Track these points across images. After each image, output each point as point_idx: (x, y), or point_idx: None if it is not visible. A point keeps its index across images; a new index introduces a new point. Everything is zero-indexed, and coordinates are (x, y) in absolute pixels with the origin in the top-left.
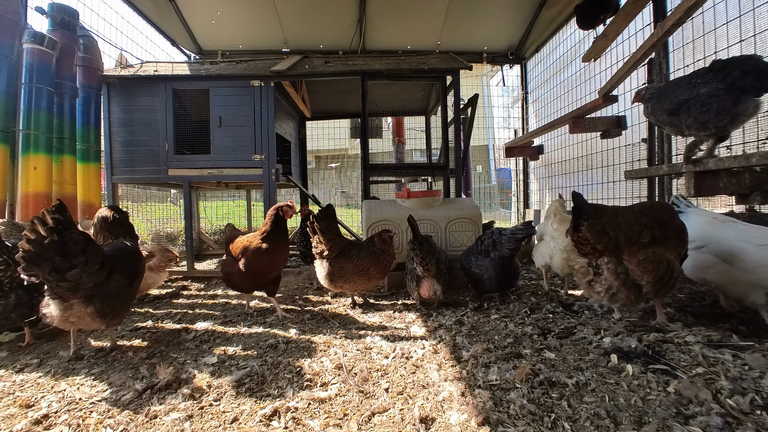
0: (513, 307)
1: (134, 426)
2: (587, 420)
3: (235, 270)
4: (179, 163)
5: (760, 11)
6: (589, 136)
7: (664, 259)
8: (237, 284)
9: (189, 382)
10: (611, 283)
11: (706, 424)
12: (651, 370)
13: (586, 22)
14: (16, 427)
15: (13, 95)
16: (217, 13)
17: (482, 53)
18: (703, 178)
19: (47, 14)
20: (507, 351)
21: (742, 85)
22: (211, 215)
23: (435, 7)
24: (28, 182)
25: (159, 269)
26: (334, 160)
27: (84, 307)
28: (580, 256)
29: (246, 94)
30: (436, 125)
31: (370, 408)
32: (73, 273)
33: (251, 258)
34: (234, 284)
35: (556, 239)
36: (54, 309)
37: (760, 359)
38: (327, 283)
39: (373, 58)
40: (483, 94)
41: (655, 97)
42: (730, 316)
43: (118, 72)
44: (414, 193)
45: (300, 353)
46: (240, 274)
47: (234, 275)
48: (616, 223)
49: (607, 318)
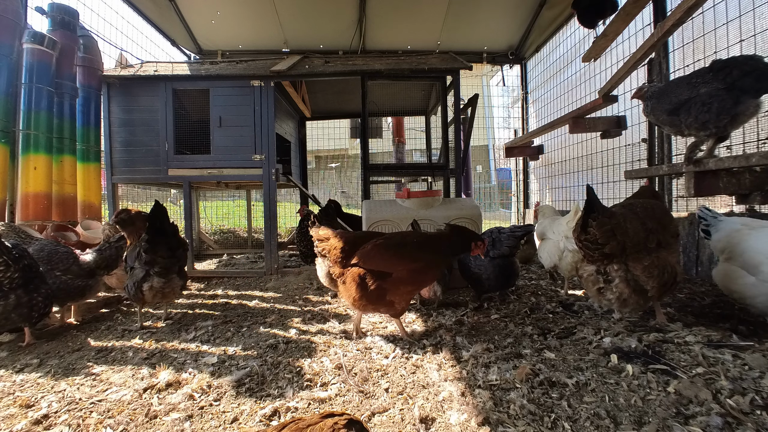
0: (513, 307)
1: (134, 426)
2: (587, 420)
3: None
4: (179, 163)
5: (760, 11)
6: (589, 136)
7: (668, 264)
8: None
9: (189, 382)
10: (622, 290)
11: (706, 424)
12: (651, 370)
13: (587, 20)
14: (16, 427)
15: (13, 95)
16: (217, 13)
17: (482, 53)
18: (703, 178)
19: (47, 14)
20: (507, 351)
21: (743, 85)
22: (211, 215)
23: (435, 7)
24: (28, 182)
25: None
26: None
27: (178, 281)
28: (588, 263)
29: (246, 94)
30: (436, 125)
31: (370, 408)
32: (179, 252)
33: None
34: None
35: (569, 239)
36: (156, 282)
37: (760, 359)
38: (327, 282)
39: (373, 58)
40: (483, 94)
41: (655, 97)
42: (730, 316)
43: (118, 72)
44: (414, 193)
45: (300, 353)
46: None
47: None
48: (624, 229)
49: (607, 318)
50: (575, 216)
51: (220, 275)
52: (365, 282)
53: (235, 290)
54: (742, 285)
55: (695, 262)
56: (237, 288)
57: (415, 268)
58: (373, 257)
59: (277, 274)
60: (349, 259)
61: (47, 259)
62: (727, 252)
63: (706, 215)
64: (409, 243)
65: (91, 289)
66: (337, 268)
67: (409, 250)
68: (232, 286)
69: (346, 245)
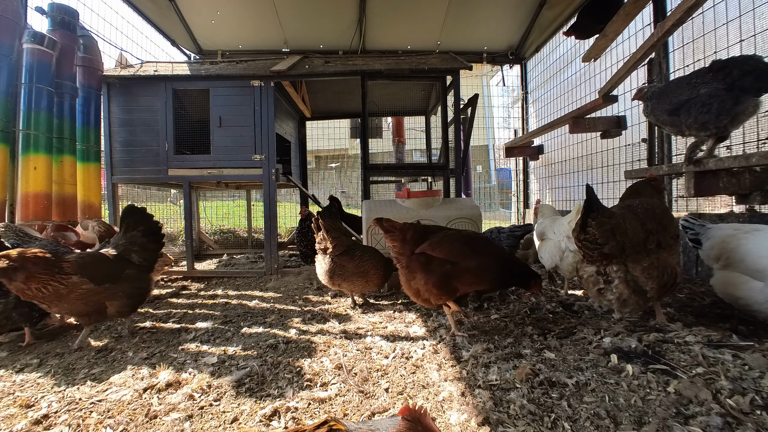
0: (513, 307)
1: (134, 426)
2: (587, 420)
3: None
4: (179, 163)
5: (760, 11)
6: (589, 136)
7: (667, 265)
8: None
9: (189, 382)
10: (622, 291)
11: (706, 424)
12: (651, 370)
13: (581, 32)
14: (16, 427)
15: (13, 95)
16: (217, 13)
17: (482, 53)
18: (703, 178)
19: (47, 14)
20: (507, 351)
21: (743, 85)
22: (211, 215)
23: (435, 7)
24: (28, 182)
25: (156, 272)
26: (334, 160)
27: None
28: (587, 263)
29: (246, 94)
30: (436, 125)
31: (370, 408)
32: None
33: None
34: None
35: (571, 238)
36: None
37: (760, 359)
38: (326, 279)
39: (373, 58)
40: (483, 94)
41: (655, 97)
42: (730, 316)
43: (118, 72)
44: (414, 193)
45: (300, 353)
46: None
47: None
48: (623, 229)
49: (607, 318)
50: (577, 215)
51: (220, 275)
52: (434, 268)
53: (235, 290)
54: (748, 291)
55: (695, 262)
56: (237, 288)
57: (481, 262)
58: (444, 245)
59: (277, 274)
60: (414, 247)
61: None
62: (724, 259)
63: (693, 224)
64: (481, 238)
65: None
66: (404, 258)
67: (480, 242)
68: (232, 286)
69: (415, 233)
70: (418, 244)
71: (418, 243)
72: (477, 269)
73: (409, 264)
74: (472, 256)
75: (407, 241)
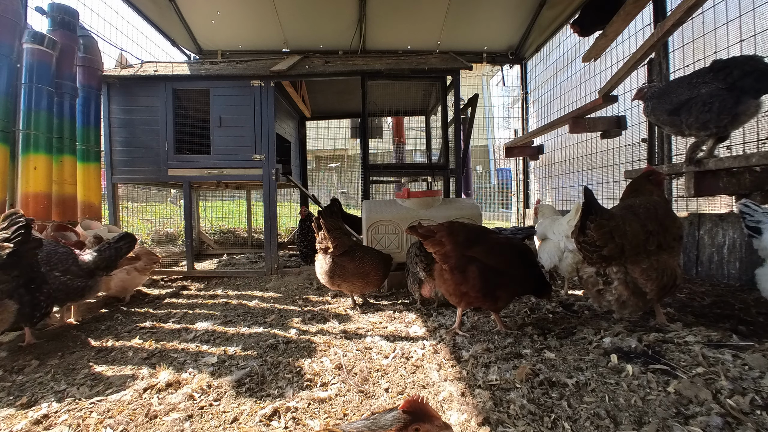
0: (513, 307)
1: (134, 426)
2: (587, 420)
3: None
4: (179, 163)
5: (760, 11)
6: (589, 136)
7: (668, 267)
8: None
9: (189, 382)
10: (621, 292)
11: (706, 424)
12: (651, 370)
13: (586, 28)
14: (16, 427)
15: (13, 95)
16: (217, 13)
17: (482, 53)
18: (703, 178)
19: (47, 14)
20: (507, 351)
21: (743, 86)
22: (211, 215)
23: (435, 7)
24: (28, 182)
25: (144, 271)
26: (334, 160)
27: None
28: (587, 265)
29: (246, 94)
30: (436, 125)
31: (371, 408)
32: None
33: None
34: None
35: (570, 238)
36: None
37: (760, 359)
38: (326, 279)
39: (373, 58)
40: (483, 94)
41: (655, 97)
42: (730, 316)
43: (118, 72)
44: (414, 193)
45: (300, 353)
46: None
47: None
48: (622, 231)
49: (607, 318)
50: (576, 214)
51: (220, 275)
52: (480, 274)
53: (235, 290)
54: None
55: (695, 262)
56: (237, 288)
57: (527, 271)
58: (496, 253)
59: (277, 274)
60: (465, 250)
61: (46, 259)
62: None
63: (753, 210)
64: (526, 247)
65: (90, 290)
66: (452, 259)
67: (527, 252)
68: (232, 286)
69: (469, 235)
70: (467, 247)
71: (467, 246)
72: (522, 277)
73: (459, 265)
74: (521, 266)
75: (459, 244)
